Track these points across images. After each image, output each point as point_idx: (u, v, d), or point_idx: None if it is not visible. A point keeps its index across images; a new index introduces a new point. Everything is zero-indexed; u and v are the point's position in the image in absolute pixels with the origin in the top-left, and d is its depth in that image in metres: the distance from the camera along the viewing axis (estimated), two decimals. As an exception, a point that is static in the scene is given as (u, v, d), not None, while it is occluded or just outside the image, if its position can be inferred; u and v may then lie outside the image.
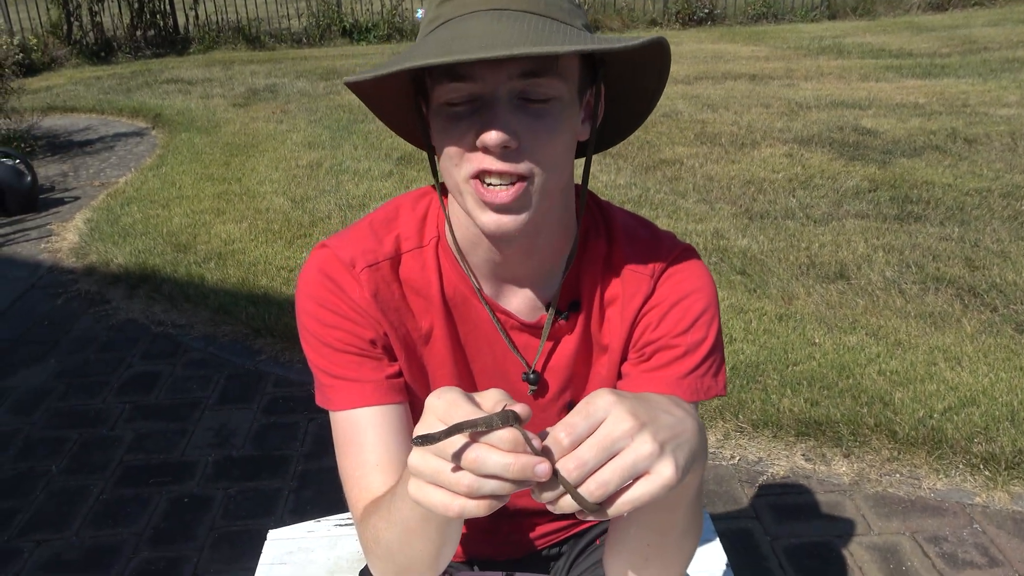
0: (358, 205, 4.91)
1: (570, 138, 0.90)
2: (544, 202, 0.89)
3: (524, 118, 0.84)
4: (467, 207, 0.90)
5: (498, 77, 0.83)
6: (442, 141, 0.89)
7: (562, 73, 0.85)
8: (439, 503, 0.67)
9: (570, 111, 0.88)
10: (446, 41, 0.81)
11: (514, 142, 0.83)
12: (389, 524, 0.88)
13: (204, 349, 3.47)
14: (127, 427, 2.96)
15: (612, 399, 0.67)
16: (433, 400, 0.69)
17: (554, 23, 0.84)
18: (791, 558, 2.27)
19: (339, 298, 0.99)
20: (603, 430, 0.66)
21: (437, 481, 0.67)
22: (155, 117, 7.52)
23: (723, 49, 10.18)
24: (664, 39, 0.87)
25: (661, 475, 0.66)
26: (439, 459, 0.66)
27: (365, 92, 0.96)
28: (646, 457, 0.65)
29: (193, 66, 10.16)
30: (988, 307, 3.45)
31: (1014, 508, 2.41)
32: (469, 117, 0.85)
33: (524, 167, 0.85)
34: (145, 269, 4.16)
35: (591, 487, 0.65)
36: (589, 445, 0.65)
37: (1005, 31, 10.59)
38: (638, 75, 0.96)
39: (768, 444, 2.69)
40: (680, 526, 0.88)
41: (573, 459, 0.65)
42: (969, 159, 5.39)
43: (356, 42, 11.82)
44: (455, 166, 0.88)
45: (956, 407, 2.74)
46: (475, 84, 0.84)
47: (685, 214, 4.59)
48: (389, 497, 0.88)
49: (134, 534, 2.44)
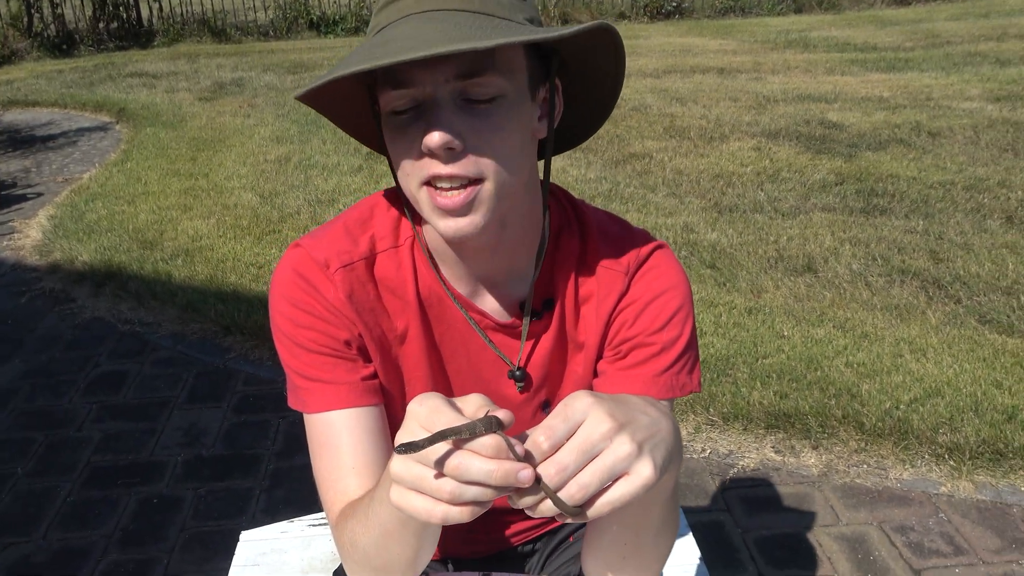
0: (327, 200, 4.88)
1: (522, 137, 0.89)
2: (501, 203, 0.88)
3: (468, 119, 0.84)
4: (425, 214, 0.90)
5: (435, 80, 0.82)
6: (393, 151, 0.89)
7: (502, 69, 0.84)
8: (421, 509, 0.67)
9: (519, 109, 0.87)
10: (375, 47, 0.81)
11: (458, 143, 0.82)
12: (367, 528, 0.87)
13: (172, 347, 3.43)
14: (95, 427, 2.92)
15: (590, 401, 0.67)
16: (415, 406, 0.69)
17: (488, 19, 0.83)
18: (762, 550, 2.30)
19: (313, 298, 0.98)
20: (582, 433, 0.66)
21: (419, 487, 0.67)
22: (119, 111, 7.41)
23: (691, 43, 10.23)
24: (606, 23, 0.86)
25: (640, 475, 0.66)
26: (421, 466, 0.66)
27: (322, 105, 0.96)
28: (625, 458, 0.66)
29: (157, 59, 10.02)
30: (952, 299, 3.51)
31: (978, 497, 2.45)
32: (414, 124, 0.85)
33: (473, 168, 0.84)
34: (111, 266, 4.10)
35: (571, 490, 0.65)
36: (569, 449, 0.66)
37: (967, 25, 10.75)
38: (591, 65, 0.94)
39: (738, 437, 2.71)
40: (656, 524, 0.89)
41: (553, 464, 0.65)
42: (933, 152, 5.47)
43: (324, 35, 11.72)
44: (407, 175, 0.88)
45: (921, 398, 2.79)
46: (415, 89, 0.83)
47: (655, 208, 4.61)
48: (367, 501, 0.88)
49: (103, 536, 2.41)
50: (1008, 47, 9.07)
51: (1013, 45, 9.17)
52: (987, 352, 3.05)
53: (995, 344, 3.12)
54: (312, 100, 0.92)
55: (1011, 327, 3.26)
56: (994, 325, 3.29)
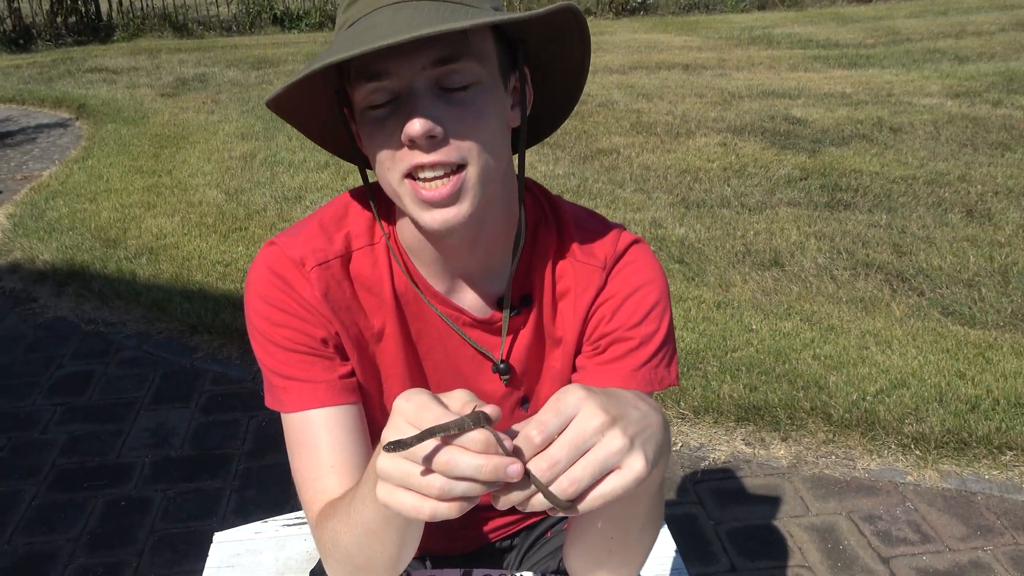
0: (294, 197, 4.84)
1: (499, 123, 0.89)
2: (485, 190, 0.88)
3: (447, 107, 0.83)
4: (407, 209, 0.89)
5: (412, 69, 0.82)
6: (371, 147, 0.88)
7: (477, 55, 0.84)
8: (410, 506, 0.66)
9: (495, 95, 0.87)
10: (350, 40, 0.81)
11: (439, 130, 0.82)
12: (349, 527, 0.86)
13: (138, 347, 3.38)
14: (59, 429, 2.87)
15: (582, 395, 0.67)
16: (401, 402, 0.68)
17: (458, 7, 0.83)
18: (734, 541, 2.32)
19: (289, 297, 0.97)
20: (574, 427, 0.66)
21: (407, 484, 0.66)
22: (79, 108, 7.28)
23: (656, 39, 10.29)
24: (572, 6, 0.86)
25: (632, 469, 0.66)
26: (409, 462, 0.66)
27: (289, 111, 0.94)
28: (616, 452, 0.66)
29: (118, 54, 9.86)
30: (915, 291, 3.57)
31: (944, 486, 2.50)
32: (393, 116, 0.84)
33: (455, 155, 0.84)
34: (73, 265, 4.03)
35: (563, 484, 0.65)
36: (561, 443, 0.65)
37: (926, 22, 10.93)
38: (557, 52, 0.94)
39: (709, 430, 2.74)
40: (643, 518, 0.89)
41: (545, 458, 0.65)
42: (895, 147, 5.55)
43: (288, 30, 11.61)
44: (388, 170, 0.87)
45: (887, 389, 2.83)
46: (391, 80, 0.83)
47: (623, 203, 4.63)
48: (348, 500, 0.87)
49: (70, 540, 2.37)
50: (966, 44, 9.23)
51: (971, 42, 9.34)
52: (950, 343, 3.11)
53: (958, 335, 3.18)
54: (281, 106, 0.91)
55: (973, 319, 3.32)
56: (956, 317, 3.35)
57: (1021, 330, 3.23)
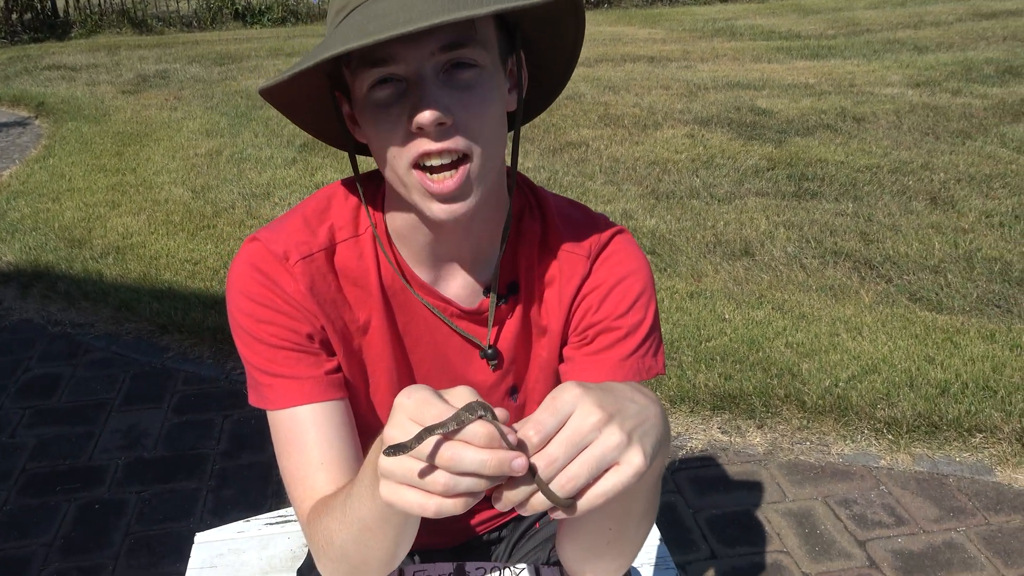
0: (262, 194, 4.79)
1: (500, 109, 0.89)
2: (488, 179, 0.88)
3: (453, 93, 0.83)
4: (413, 200, 0.88)
5: (420, 54, 0.82)
6: (375, 135, 0.87)
7: (482, 41, 0.84)
8: (415, 504, 0.66)
9: (496, 80, 0.87)
10: (361, 25, 0.79)
11: (448, 118, 0.82)
12: (344, 525, 0.86)
13: (107, 348, 3.33)
14: (28, 433, 2.82)
15: (579, 392, 0.67)
16: (403, 399, 0.67)
17: None
18: (713, 528, 2.34)
19: (273, 292, 0.96)
20: (571, 425, 0.65)
21: (411, 482, 0.65)
22: (38, 106, 7.13)
23: (621, 31, 10.32)
24: None
25: (631, 464, 0.66)
26: (412, 459, 0.65)
27: (281, 99, 0.93)
28: (614, 448, 0.65)
29: (76, 51, 9.67)
30: (883, 278, 3.62)
31: (916, 469, 2.54)
32: (398, 103, 0.83)
33: (462, 143, 0.84)
34: (38, 266, 3.95)
35: (561, 482, 0.64)
36: (558, 442, 0.65)
37: (885, 13, 11.07)
38: (552, 31, 0.94)
39: (685, 419, 2.76)
40: (640, 512, 0.89)
41: (543, 457, 0.65)
42: (859, 137, 5.63)
43: (249, 25, 11.47)
44: (394, 157, 0.86)
45: (859, 375, 2.87)
46: (398, 66, 0.82)
47: (593, 196, 4.64)
48: (343, 498, 0.86)
49: (43, 544, 2.33)
50: (925, 34, 9.37)
51: (929, 32, 9.49)
52: (919, 329, 3.16)
53: (926, 321, 3.23)
54: (272, 93, 0.90)
55: (940, 304, 3.38)
56: (924, 303, 3.40)
57: (987, 315, 3.29)
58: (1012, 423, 2.62)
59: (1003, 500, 2.42)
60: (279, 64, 8.40)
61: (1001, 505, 2.40)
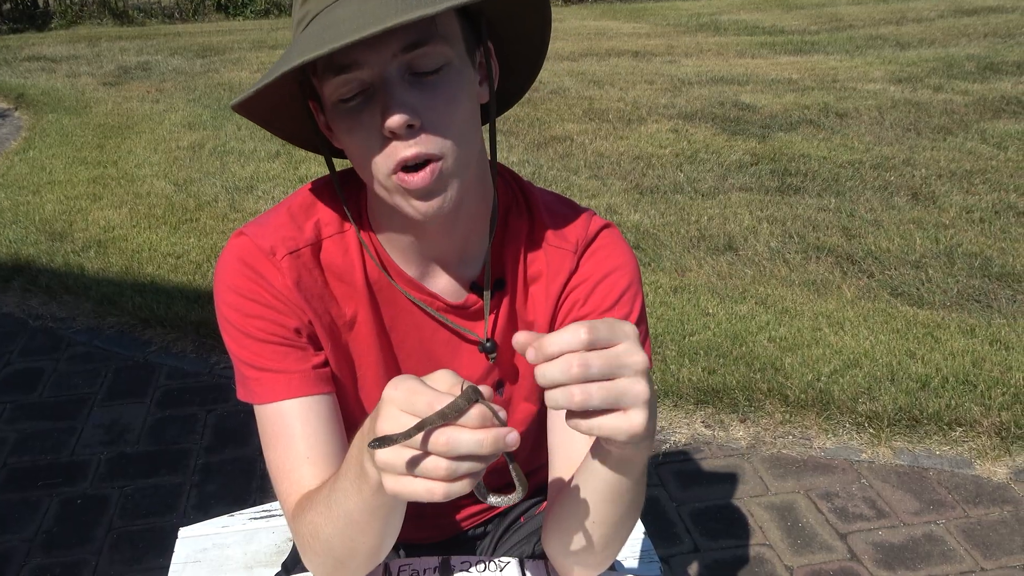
0: (245, 187, 4.77)
1: (471, 103, 0.89)
2: (464, 175, 0.88)
3: (419, 94, 0.83)
4: (395, 202, 0.88)
5: (382, 57, 0.81)
6: (351, 143, 0.87)
7: (445, 37, 0.84)
8: (422, 491, 0.67)
9: (465, 75, 0.87)
10: (318, 34, 0.79)
11: (416, 119, 0.82)
12: (329, 520, 0.86)
13: (88, 342, 3.30)
14: (9, 428, 2.79)
15: (637, 331, 0.70)
16: (390, 392, 0.68)
17: None
18: (696, 522, 2.36)
19: (261, 287, 0.96)
20: (619, 350, 0.67)
21: (413, 472, 0.66)
22: (17, 97, 7.06)
23: (605, 26, 10.33)
24: None
25: (632, 420, 0.68)
26: (410, 449, 0.66)
27: (255, 111, 0.92)
28: (636, 395, 0.68)
29: (56, 42, 9.58)
30: (865, 273, 3.65)
31: (897, 462, 2.57)
32: (368, 108, 0.83)
33: (432, 145, 0.83)
34: (18, 260, 3.92)
35: (574, 391, 0.66)
36: (601, 355, 0.67)
37: (868, 9, 11.13)
38: (517, 23, 0.94)
39: (669, 413, 2.77)
40: (627, 503, 0.89)
41: (579, 358, 0.66)
42: (841, 132, 5.66)
43: (232, 17, 11.40)
44: (373, 165, 0.86)
45: (841, 369, 2.89)
46: (362, 71, 0.82)
47: (578, 190, 4.65)
48: (327, 492, 0.86)
49: (24, 540, 2.31)
50: (907, 30, 9.44)
51: (911, 28, 9.55)
52: (900, 324, 3.19)
53: (907, 316, 3.26)
54: (249, 107, 0.89)
55: (921, 299, 3.41)
56: (905, 298, 3.43)
57: (967, 309, 3.33)
58: (991, 417, 2.65)
59: (982, 493, 2.45)
60: (262, 56, 8.35)
61: (980, 498, 2.43)
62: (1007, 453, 2.56)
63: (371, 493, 0.79)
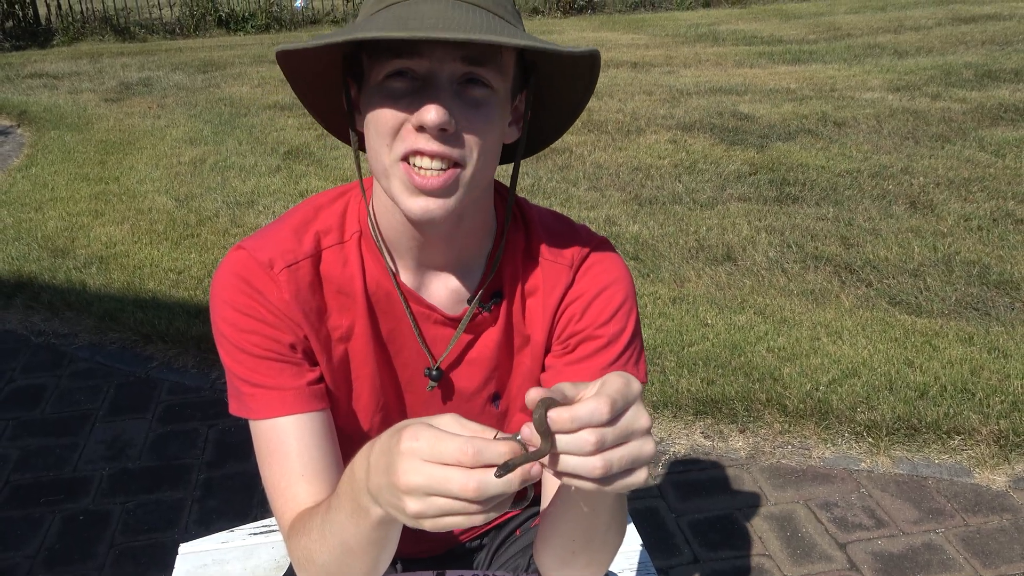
0: (246, 202, 4.79)
1: (500, 134, 0.92)
2: (471, 192, 0.90)
3: (462, 105, 0.85)
4: (393, 191, 0.89)
5: (443, 56, 0.84)
6: (376, 120, 0.88)
7: (500, 68, 0.87)
8: (464, 522, 0.69)
9: (503, 108, 0.90)
10: (402, 19, 0.82)
11: (452, 125, 0.84)
12: (324, 546, 0.87)
13: (91, 358, 3.32)
14: (11, 445, 2.81)
15: (639, 389, 0.72)
16: (411, 443, 0.69)
17: (503, 21, 0.86)
18: (696, 532, 2.36)
19: (256, 302, 0.97)
20: (629, 418, 0.70)
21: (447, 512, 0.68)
22: (20, 114, 7.10)
23: (604, 37, 10.36)
24: (599, 53, 0.89)
25: (637, 478, 0.71)
26: (443, 498, 0.68)
27: (293, 68, 0.94)
28: (645, 457, 0.70)
29: (58, 59, 9.63)
30: (863, 282, 3.66)
31: (896, 471, 2.57)
32: (408, 96, 0.85)
33: (458, 152, 0.86)
34: (21, 276, 3.94)
35: (595, 463, 0.68)
36: (618, 428, 0.69)
37: (866, 18, 11.16)
38: (565, 85, 0.98)
39: (668, 424, 2.78)
40: (605, 523, 0.93)
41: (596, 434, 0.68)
42: (839, 141, 5.68)
43: (233, 32, 11.45)
44: (386, 146, 0.87)
45: (839, 379, 2.90)
46: (419, 61, 0.84)
47: (577, 202, 4.67)
48: (321, 520, 0.88)
49: (26, 557, 2.32)
50: (905, 39, 9.46)
51: (909, 37, 9.57)
52: (898, 332, 3.20)
53: (905, 324, 3.27)
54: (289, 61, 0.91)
55: (919, 308, 3.41)
56: (903, 306, 3.44)
57: (965, 318, 3.33)
58: (990, 425, 2.65)
59: (981, 501, 2.45)
60: (263, 71, 8.39)
61: (979, 506, 2.43)
62: (1006, 461, 2.57)
63: (370, 528, 0.81)
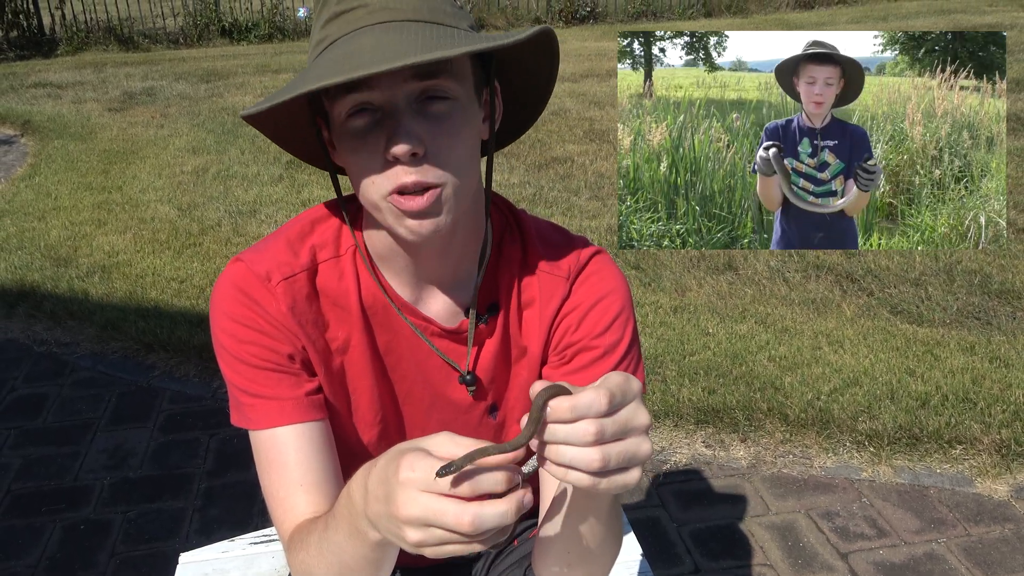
0: (248, 211, 4.80)
1: (473, 139, 0.92)
2: (459, 205, 0.91)
3: (425, 123, 0.86)
4: (387, 223, 0.91)
5: (395, 81, 0.85)
6: (353, 162, 0.90)
7: (456, 74, 0.87)
8: (463, 550, 0.69)
9: (469, 111, 0.90)
10: (340, 60, 0.82)
11: (420, 148, 0.85)
12: (322, 563, 0.88)
13: (92, 367, 3.33)
14: (13, 454, 2.81)
15: (639, 387, 0.73)
16: (407, 474, 0.69)
17: (441, 28, 0.87)
18: (697, 542, 2.36)
19: (255, 313, 0.98)
20: (627, 413, 0.71)
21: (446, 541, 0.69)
22: (24, 124, 7.12)
23: (606, 47, 10.39)
24: (550, 29, 0.90)
25: (630, 477, 0.72)
26: (441, 531, 0.68)
27: (262, 122, 0.95)
28: (641, 456, 0.71)
29: (62, 68, 9.67)
30: (865, 292, 3.66)
31: (897, 481, 2.57)
32: (374, 131, 0.86)
33: (433, 176, 0.87)
34: (23, 285, 3.95)
35: (593, 455, 0.68)
36: (615, 421, 0.69)
37: (867, 28, 11.18)
38: (528, 67, 0.98)
39: (670, 433, 2.78)
40: (600, 534, 0.93)
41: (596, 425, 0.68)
42: (841, 151, 5.68)
43: (236, 42, 11.49)
44: (372, 184, 0.89)
45: (841, 388, 2.90)
46: (373, 92, 0.85)
47: (579, 211, 4.68)
48: (319, 538, 0.88)
49: (27, 566, 2.32)
50: (906, 48, 9.46)
51: (911, 46, 9.58)
52: (899, 342, 3.19)
53: (907, 334, 3.26)
54: (258, 121, 0.93)
55: (921, 317, 3.41)
56: (905, 316, 3.44)
57: (967, 327, 3.33)
58: (991, 435, 2.65)
59: (983, 511, 2.45)
60: (266, 81, 8.42)
61: (981, 516, 2.43)
62: (1008, 471, 2.56)
63: (368, 549, 0.81)
